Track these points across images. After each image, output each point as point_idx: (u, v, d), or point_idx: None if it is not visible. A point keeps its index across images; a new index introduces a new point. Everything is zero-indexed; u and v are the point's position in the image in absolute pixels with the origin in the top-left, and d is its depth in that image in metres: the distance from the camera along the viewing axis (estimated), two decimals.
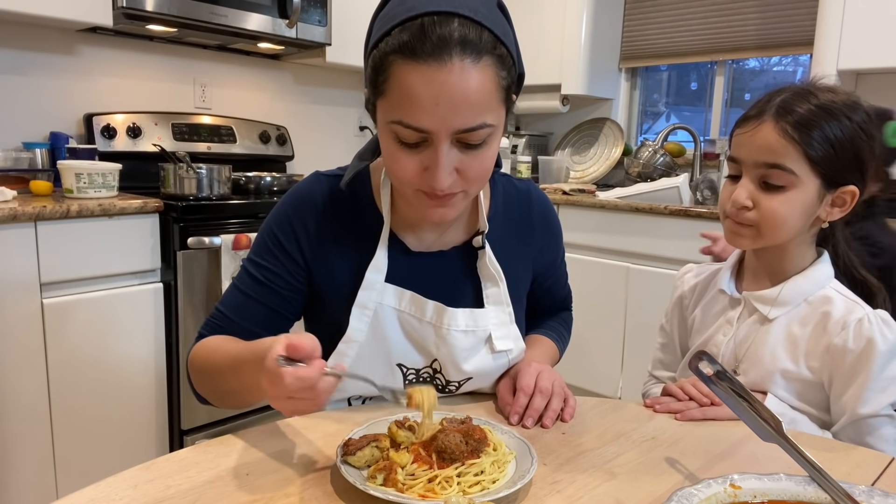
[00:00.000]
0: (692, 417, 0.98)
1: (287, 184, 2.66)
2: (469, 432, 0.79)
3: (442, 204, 0.88)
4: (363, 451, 0.76)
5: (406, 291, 0.98)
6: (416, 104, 0.79)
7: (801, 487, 0.72)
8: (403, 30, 0.79)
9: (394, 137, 0.83)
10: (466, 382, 1.03)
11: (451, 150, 0.82)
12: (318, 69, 3.20)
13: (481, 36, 0.79)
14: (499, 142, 0.88)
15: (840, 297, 1.03)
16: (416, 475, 0.73)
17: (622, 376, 2.77)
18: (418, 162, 0.84)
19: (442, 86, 0.78)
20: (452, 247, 1.03)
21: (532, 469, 0.75)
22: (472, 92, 0.79)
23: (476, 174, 0.86)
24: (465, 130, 0.81)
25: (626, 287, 2.73)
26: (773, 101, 1.00)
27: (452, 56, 0.77)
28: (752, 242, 1.04)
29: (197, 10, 2.33)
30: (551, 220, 1.14)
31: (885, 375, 0.97)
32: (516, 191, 1.10)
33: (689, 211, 2.52)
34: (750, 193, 1.00)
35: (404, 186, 0.88)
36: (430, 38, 0.77)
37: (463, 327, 0.99)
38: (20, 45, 2.32)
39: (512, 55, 0.85)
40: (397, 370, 1.01)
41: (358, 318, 0.97)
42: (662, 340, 1.28)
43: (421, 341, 1.00)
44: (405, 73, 0.79)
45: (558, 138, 3.71)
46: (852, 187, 1.00)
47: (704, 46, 3.27)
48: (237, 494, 0.72)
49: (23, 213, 1.81)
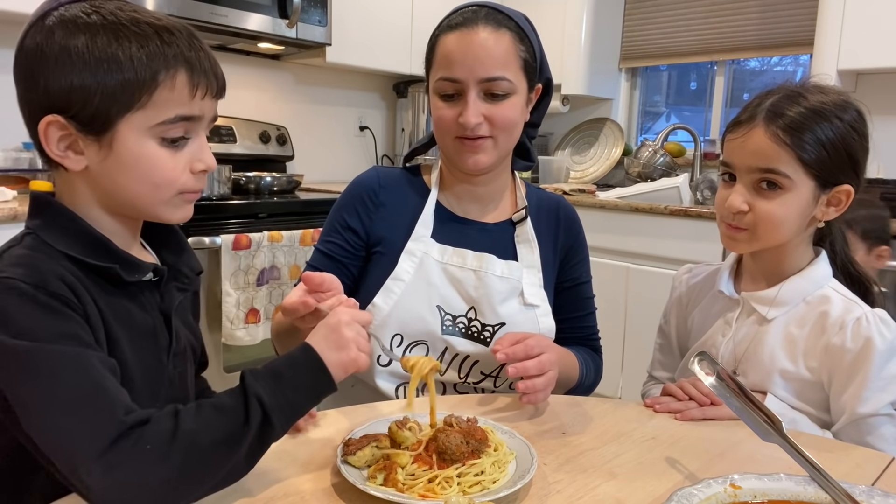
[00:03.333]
0: (692, 417, 0.98)
1: (287, 184, 2.66)
2: (470, 432, 0.79)
3: (474, 149, 1.09)
4: (363, 451, 0.76)
5: (448, 247, 1.15)
6: (451, 59, 1.07)
7: (801, 487, 0.72)
8: (448, 18, 1.11)
9: (437, 95, 1.10)
10: (499, 329, 1.13)
11: (478, 99, 1.07)
12: (318, 69, 3.19)
13: (503, 19, 1.08)
14: (521, 106, 1.11)
15: (838, 297, 1.03)
16: (416, 475, 0.73)
17: (622, 376, 2.77)
18: (455, 111, 1.08)
19: (469, 43, 1.06)
20: (494, 223, 1.19)
21: (532, 469, 0.75)
22: (492, 48, 1.05)
23: (500, 120, 1.08)
24: (488, 79, 1.06)
25: (626, 287, 2.73)
26: (762, 105, 1.00)
27: (478, 24, 1.06)
28: (748, 246, 1.04)
29: (197, 10, 2.33)
30: (577, 225, 1.26)
31: (884, 374, 0.97)
32: (547, 195, 1.28)
33: (689, 211, 2.52)
34: (745, 198, 1.01)
35: (445, 137, 1.11)
36: (464, 16, 1.08)
37: (499, 273, 1.14)
38: None
39: (530, 40, 1.11)
40: (437, 311, 1.13)
41: (406, 261, 1.14)
42: (661, 341, 1.28)
43: (461, 285, 1.14)
44: (445, 41, 1.08)
45: (558, 138, 3.71)
46: (847, 186, 1.00)
47: (704, 46, 3.27)
48: (237, 494, 0.72)
49: (23, 213, 1.81)
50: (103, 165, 0.73)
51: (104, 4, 0.72)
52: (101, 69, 0.69)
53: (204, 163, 0.76)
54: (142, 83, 0.70)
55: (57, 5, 0.73)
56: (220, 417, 0.66)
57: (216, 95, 0.77)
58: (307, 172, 3.01)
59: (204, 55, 0.75)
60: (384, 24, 3.06)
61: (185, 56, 0.72)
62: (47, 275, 0.67)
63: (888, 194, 2.27)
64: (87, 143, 0.72)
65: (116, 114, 0.70)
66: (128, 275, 0.75)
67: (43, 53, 0.70)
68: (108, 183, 0.74)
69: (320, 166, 3.26)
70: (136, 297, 0.78)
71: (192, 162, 0.76)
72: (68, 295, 0.68)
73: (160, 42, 0.71)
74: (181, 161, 0.75)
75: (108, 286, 0.74)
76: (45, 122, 0.70)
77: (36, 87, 0.71)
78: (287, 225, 2.36)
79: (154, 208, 0.76)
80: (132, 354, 0.75)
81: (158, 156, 0.73)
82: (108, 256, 0.74)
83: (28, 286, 0.65)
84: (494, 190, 1.20)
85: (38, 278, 0.66)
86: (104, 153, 0.72)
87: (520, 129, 1.14)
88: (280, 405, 0.69)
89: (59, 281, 0.68)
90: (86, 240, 0.73)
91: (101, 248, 0.74)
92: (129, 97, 0.70)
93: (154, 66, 0.70)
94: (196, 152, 0.76)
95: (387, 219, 1.18)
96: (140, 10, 0.73)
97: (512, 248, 1.18)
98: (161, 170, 0.74)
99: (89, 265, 0.72)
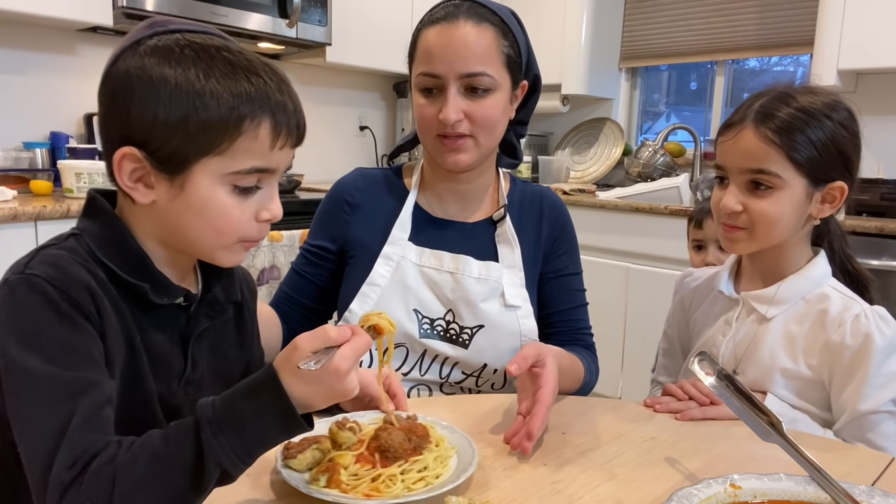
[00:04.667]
0: (692, 417, 0.98)
1: (287, 183, 2.67)
2: (412, 429, 0.79)
3: (455, 148, 1.07)
4: (304, 454, 0.75)
5: (426, 249, 1.14)
6: (431, 54, 1.04)
7: (801, 487, 0.72)
8: (430, 12, 1.09)
9: (418, 90, 1.08)
10: (478, 331, 1.11)
11: (458, 95, 1.04)
12: (318, 69, 3.19)
13: (485, 13, 1.06)
14: (503, 104, 1.08)
15: (837, 294, 1.03)
16: (359, 475, 0.73)
17: (622, 376, 2.77)
18: (436, 108, 1.06)
19: (450, 38, 1.03)
20: (474, 222, 1.17)
21: (474, 461, 0.76)
22: (473, 43, 1.03)
23: (480, 118, 1.05)
24: (469, 75, 1.03)
25: (626, 287, 2.73)
26: (752, 107, 1.01)
27: (459, 18, 1.04)
28: (747, 246, 1.04)
29: (197, 9, 2.34)
30: (563, 216, 1.22)
31: (884, 371, 0.97)
32: (531, 188, 1.25)
33: (689, 211, 2.52)
34: (739, 198, 1.01)
35: (426, 134, 1.09)
36: (446, 9, 1.06)
37: (476, 274, 1.12)
38: (20, 45, 2.32)
39: (514, 35, 1.08)
40: (414, 315, 1.11)
41: (382, 265, 1.12)
42: (665, 345, 1.28)
43: (438, 288, 1.12)
44: (426, 35, 1.06)
45: (558, 138, 3.71)
46: (840, 183, 1.01)
47: (704, 46, 3.26)
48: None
49: (23, 213, 1.81)
50: (171, 204, 0.71)
51: (198, 39, 0.70)
52: (186, 108, 0.67)
53: (270, 212, 0.74)
54: (225, 129, 0.68)
55: (152, 33, 0.71)
56: (169, 474, 0.61)
57: (294, 145, 0.75)
58: (307, 172, 3.01)
59: (291, 104, 0.72)
60: (384, 24, 3.06)
61: (272, 105, 0.70)
62: (74, 281, 0.67)
63: (888, 194, 2.27)
64: (160, 179, 0.70)
65: (194, 156, 0.68)
66: (156, 296, 0.74)
67: (131, 81, 0.68)
68: (172, 220, 0.73)
69: (320, 166, 3.25)
70: (160, 319, 0.77)
71: (259, 211, 0.73)
72: (89, 307, 0.67)
73: (249, 87, 0.69)
74: (248, 210, 0.72)
75: (135, 302, 0.74)
76: (120, 154, 0.69)
77: (118, 113, 0.69)
78: (287, 225, 2.35)
79: (212, 252, 0.75)
80: (135, 375, 0.74)
81: (226, 203, 0.71)
82: (142, 275, 0.73)
83: (54, 290, 0.65)
84: (477, 188, 1.18)
85: (65, 283, 0.66)
86: (174, 192, 0.70)
87: (503, 127, 1.11)
88: (242, 461, 0.63)
89: (84, 290, 0.67)
90: (126, 255, 0.73)
91: (138, 265, 0.73)
92: (210, 141, 0.68)
93: (240, 112, 0.68)
94: (265, 201, 0.73)
95: (363, 223, 1.17)
96: (232, 49, 0.71)
97: (492, 249, 1.16)
98: (227, 217, 0.71)
99: (121, 279, 0.72)
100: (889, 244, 2.12)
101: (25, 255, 0.70)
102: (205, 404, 0.63)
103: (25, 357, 0.63)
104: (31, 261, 0.69)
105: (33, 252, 0.71)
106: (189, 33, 0.71)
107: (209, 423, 0.62)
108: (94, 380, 0.66)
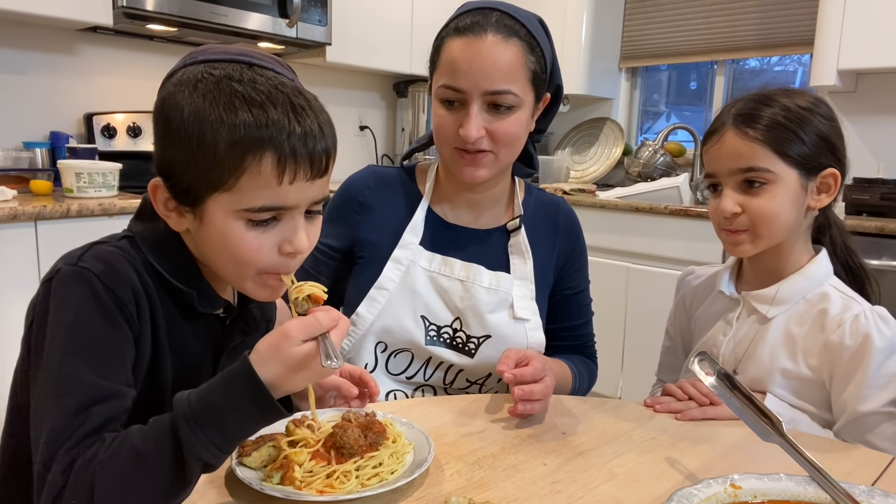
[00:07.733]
0: (692, 417, 0.98)
1: None
2: (369, 426, 0.79)
3: (473, 163, 1.05)
4: (259, 452, 0.75)
5: (437, 255, 1.12)
6: (456, 67, 1.01)
7: (801, 487, 0.72)
8: (456, 19, 1.04)
9: (439, 101, 1.05)
10: (485, 342, 1.11)
11: (481, 111, 1.02)
12: (318, 69, 3.19)
13: (514, 25, 1.02)
14: (525, 120, 1.06)
15: (837, 294, 1.03)
16: (314, 472, 0.73)
17: (622, 376, 2.77)
18: (456, 120, 1.03)
19: (476, 53, 1.00)
20: (487, 229, 1.16)
21: (429, 457, 0.76)
22: (499, 60, 1.00)
23: (502, 135, 1.03)
24: (493, 92, 1.01)
25: (626, 287, 2.73)
26: (730, 112, 1.03)
27: (487, 32, 1.00)
28: (752, 247, 1.04)
29: (197, 9, 2.33)
30: (576, 231, 1.22)
31: (884, 372, 0.97)
32: (547, 198, 1.24)
33: (690, 211, 2.52)
34: (735, 200, 1.02)
35: (444, 146, 1.07)
36: (474, 20, 1.01)
37: (486, 284, 1.11)
38: (20, 45, 2.32)
39: (542, 48, 1.05)
40: (421, 322, 1.11)
41: (391, 269, 1.11)
42: (667, 344, 1.29)
43: (447, 295, 1.11)
44: (451, 45, 1.02)
45: (558, 138, 3.71)
46: (832, 170, 1.01)
47: (704, 46, 3.26)
48: None
49: (23, 213, 1.81)
50: (198, 233, 0.73)
51: (217, 69, 0.70)
52: (192, 146, 0.67)
53: (293, 246, 0.71)
54: (226, 166, 0.66)
55: (183, 65, 0.73)
56: (150, 471, 0.61)
57: (313, 178, 0.70)
58: None
59: (300, 135, 0.68)
60: (384, 24, 3.06)
61: (275, 138, 0.66)
62: (122, 280, 0.68)
63: (888, 194, 2.27)
64: (184, 210, 0.72)
65: (206, 191, 0.69)
66: (202, 305, 0.75)
67: (161, 114, 0.70)
68: (202, 248, 0.74)
69: None
70: (198, 328, 0.78)
71: (282, 243, 0.71)
72: (130, 308, 0.68)
73: (252, 120, 0.66)
74: (268, 242, 0.70)
75: (178, 309, 0.74)
76: (153, 184, 0.71)
77: (156, 141, 0.71)
78: None
79: (238, 282, 0.75)
80: (169, 380, 0.75)
81: (243, 237, 0.69)
82: (190, 282, 0.74)
83: (101, 286, 0.67)
84: (492, 196, 1.16)
85: (113, 281, 0.68)
86: (197, 223, 0.71)
87: (523, 141, 1.09)
88: (223, 451, 0.63)
89: (130, 291, 0.68)
90: (177, 261, 0.74)
91: (188, 272, 0.74)
92: (217, 177, 0.67)
93: (241, 148, 0.66)
94: (287, 233, 0.71)
95: (374, 224, 1.15)
96: (244, 79, 0.69)
97: (504, 259, 1.14)
98: (244, 250, 0.70)
99: (170, 285, 0.73)
100: (889, 244, 2.12)
101: (79, 248, 0.71)
102: (181, 399, 0.63)
103: (59, 348, 0.65)
104: (84, 254, 0.70)
105: (87, 246, 0.72)
106: (216, 63, 0.71)
107: (185, 419, 0.61)
108: (115, 390, 0.66)
